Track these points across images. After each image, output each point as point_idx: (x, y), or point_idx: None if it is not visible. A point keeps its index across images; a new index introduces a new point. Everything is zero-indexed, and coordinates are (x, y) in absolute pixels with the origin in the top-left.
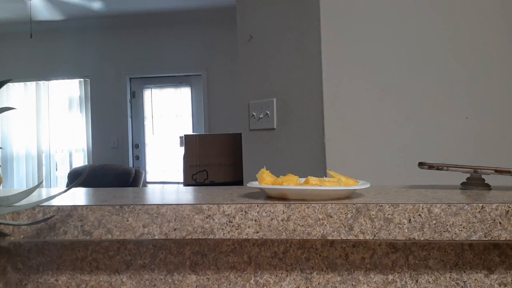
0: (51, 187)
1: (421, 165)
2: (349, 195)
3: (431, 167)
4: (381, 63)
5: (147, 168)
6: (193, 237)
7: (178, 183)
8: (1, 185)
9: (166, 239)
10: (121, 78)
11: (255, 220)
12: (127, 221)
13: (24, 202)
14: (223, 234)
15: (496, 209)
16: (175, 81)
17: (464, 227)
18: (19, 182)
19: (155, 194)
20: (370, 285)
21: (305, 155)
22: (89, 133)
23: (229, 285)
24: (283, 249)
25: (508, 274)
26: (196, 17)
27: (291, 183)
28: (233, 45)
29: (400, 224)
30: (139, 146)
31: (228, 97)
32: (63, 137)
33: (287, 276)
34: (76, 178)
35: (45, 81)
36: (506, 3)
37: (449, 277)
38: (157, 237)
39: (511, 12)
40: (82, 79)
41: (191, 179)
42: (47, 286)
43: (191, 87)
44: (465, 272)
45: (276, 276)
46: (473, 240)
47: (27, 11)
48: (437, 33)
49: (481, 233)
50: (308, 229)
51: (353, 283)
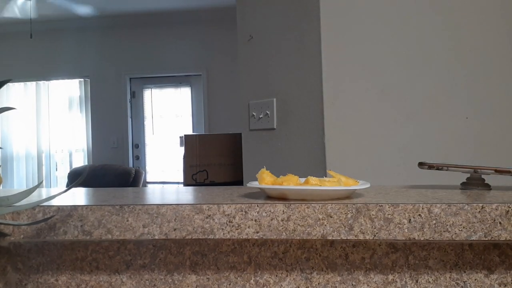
0: (51, 187)
1: (421, 165)
2: (349, 195)
3: (431, 167)
4: (381, 63)
5: (147, 168)
6: (193, 237)
7: (178, 183)
8: (1, 185)
9: (166, 239)
10: (121, 78)
11: (255, 220)
12: (127, 221)
13: (24, 202)
14: (223, 234)
15: (496, 209)
16: (175, 81)
17: (464, 227)
18: (19, 182)
19: (155, 194)
20: (370, 285)
21: (305, 155)
22: (89, 133)
23: (229, 285)
24: (283, 249)
25: (508, 274)
26: (196, 17)
27: (291, 183)
28: (233, 45)
29: (400, 224)
30: (139, 146)
31: (228, 97)
32: (63, 137)
33: (287, 276)
34: (76, 178)
35: (45, 81)
36: (506, 3)
37: (449, 277)
38: (157, 237)
39: (511, 12)
40: (82, 79)
41: (191, 179)
42: (47, 286)
43: (191, 87)
44: (465, 272)
45: (276, 276)
46: (473, 240)
47: (27, 11)
48: (437, 33)
49: (481, 233)
50: (308, 229)
51: (353, 283)
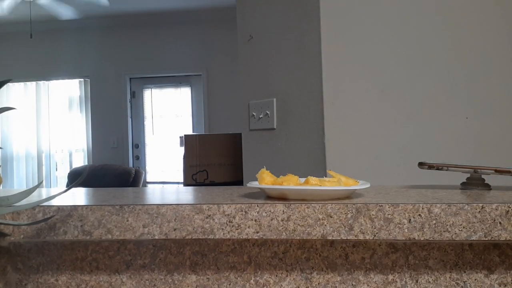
0: (51, 187)
1: (421, 165)
2: (349, 195)
3: (431, 167)
4: (381, 63)
5: (147, 168)
6: (193, 237)
7: (178, 183)
8: (1, 185)
9: (166, 239)
10: (121, 78)
11: (255, 220)
12: (127, 221)
13: (24, 202)
14: (223, 234)
15: (496, 209)
16: (175, 81)
17: (464, 227)
18: (19, 182)
19: (155, 194)
20: (370, 285)
21: (305, 155)
22: (89, 133)
23: (229, 285)
24: (283, 249)
25: (508, 274)
26: (196, 17)
27: (291, 183)
28: (233, 45)
29: (400, 224)
30: (139, 146)
31: (228, 97)
32: (63, 137)
33: (287, 276)
34: (76, 178)
35: (45, 81)
36: (506, 3)
37: (449, 277)
38: (157, 237)
39: (511, 12)
40: (82, 79)
41: (191, 179)
42: (47, 286)
43: (191, 87)
44: (465, 272)
45: (276, 276)
46: (473, 240)
47: (27, 11)
48: (437, 33)
49: (481, 233)
50: (308, 229)
51: (353, 283)
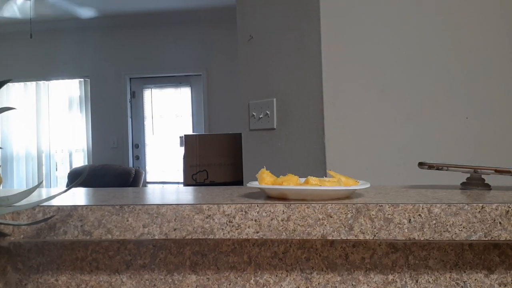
0: (51, 187)
1: (421, 165)
2: (349, 195)
3: (431, 167)
4: (381, 63)
5: (147, 168)
6: (193, 237)
7: (178, 183)
8: (1, 185)
9: (166, 239)
10: (121, 78)
11: (255, 220)
12: (127, 221)
13: (24, 202)
14: (223, 234)
15: (496, 209)
16: (175, 81)
17: (464, 227)
18: (19, 182)
19: (155, 194)
20: (370, 285)
21: (305, 155)
22: (89, 133)
23: (229, 285)
24: (283, 249)
25: (508, 274)
26: (195, 17)
27: (291, 183)
28: (233, 45)
29: (400, 224)
30: (139, 146)
31: (228, 97)
32: (63, 137)
33: (287, 276)
34: (76, 178)
35: (45, 81)
36: (506, 3)
37: (449, 277)
38: (157, 237)
39: (511, 12)
40: (82, 79)
41: (191, 179)
42: (47, 286)
43: (191, 87)
44: (465, 272)
45: (276, 276)
46: (473, 240)
47: (27, 11)
48: (437, 33)
49: (481, 233)
50: (308, 229)
51: (353, 283)
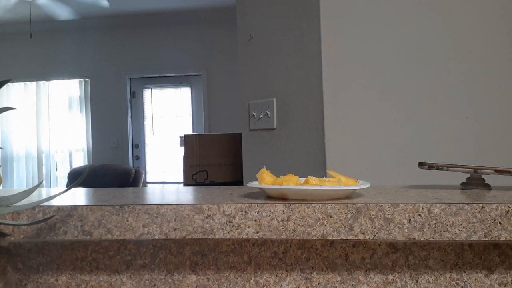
0: (51, 187)
1: (421, 165)
2: (349, 195)
3: (431, 167)
4: (381, 63)
5: (147, 168)
6: (193, 237)
7: (178, 183)
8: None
9: (166, 239)
10: (121, 78)
11: (255, 220)
12: (127, 221)
13: (24, 202)
14: (223, 234)
15: (496, 209)
16: (175, 81)
17: (464, 227)
18: (19, 182)
19: (155, 194)
20: (370, 285)
21: (305, 155)
22: (89, 133)
23: (229, 285)
24: (283, 249)
25: (508, 274)
26: (195, 17)
27: (291, 183)
28: (233, 45)
29: (400, 224)
30: (139, 146)
31: (228, 97)
32: (63, 137)
33: (287, 276)
34: (76, 178)
35: (45, 81)
36: (506, 3)
37: (449, 277)
38: (157, 237)
39: (511, 12)
40: (82, 79)
41: (191, 179)
42: (47, 286)
43: (191, 87)
44: (465, 272)
45: (276, 276)
46: (473, 240)
47: (27, 11)
48: (437, 33)
49: (481, 233)
50: (308, 229)
51: (353, 283)
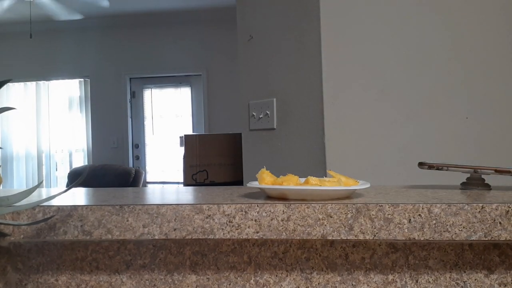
0: (51, 187)
1: (421, 165)
2: (349, 195)
3: (431, 167)
4: (381, 63)
5: (147, 168)
6: (193, 237)
7: (178, 183)
8: (1, 185)
9: (166, 239)
10: (121, 78)
11: (255, 220)
12: (127, 221)
13: (24, 202)
14: (223, 234)
15: (496, 209)
16: (175, 81)
17: (464, 227)
18: (19, 182)
19: (155, 194)
20: (370, 285)
21: (305, 155)
22: (89, 133)
23: (229, 285)
24: (283, 249)
25: (508, 274)
26: (195, 17)
27: (291, 183)
28: (233, 45)
29: (400, 224)
30: (139, 146)
31: (228, 97)
32: (63, 137)
33: (287, 276)
34: (76, 178)
35: (45, 81)
36: (506, 3)
37: (449, 277)
38: (157, 237)
39: (511, 12)
40: (82, 79)
41: (191, 179)
42: (47, 286)
43: (191, 87)
44: (465, 272)
45: (276, 276)
46: (473, 240)
47: (27, 11)
48: (437, 33)
49: (481, 233)
50: (308, 229)
51: (353, 283)
